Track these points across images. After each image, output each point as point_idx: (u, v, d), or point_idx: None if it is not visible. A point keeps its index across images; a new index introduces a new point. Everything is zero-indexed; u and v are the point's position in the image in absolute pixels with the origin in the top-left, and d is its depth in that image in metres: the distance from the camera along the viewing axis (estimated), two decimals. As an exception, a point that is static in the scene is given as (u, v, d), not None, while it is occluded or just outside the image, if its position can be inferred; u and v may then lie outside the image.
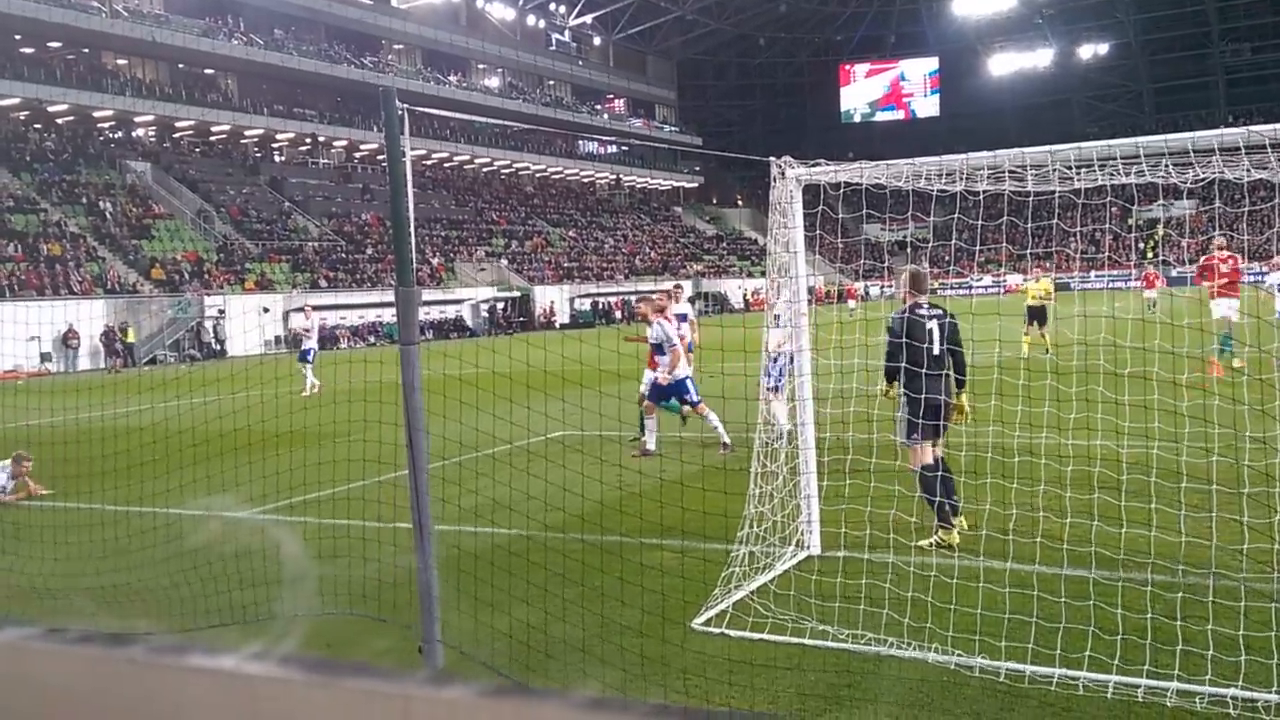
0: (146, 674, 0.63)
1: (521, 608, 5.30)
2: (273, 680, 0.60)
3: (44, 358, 33.92)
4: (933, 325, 6.75)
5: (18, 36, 44.71)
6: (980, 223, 7.40)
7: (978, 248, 7.23)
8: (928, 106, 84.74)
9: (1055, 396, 6.44)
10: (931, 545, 6.36)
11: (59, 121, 47.33)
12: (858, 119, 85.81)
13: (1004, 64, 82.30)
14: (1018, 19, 78.30)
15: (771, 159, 6.53)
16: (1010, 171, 6.05)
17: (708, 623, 5.33)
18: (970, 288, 36.41)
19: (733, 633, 5.15)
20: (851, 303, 35.52)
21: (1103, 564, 5.32)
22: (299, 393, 18.10)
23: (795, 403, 6.59)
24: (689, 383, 10.90)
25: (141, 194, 45.26)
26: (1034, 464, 6.15)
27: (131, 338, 35.98)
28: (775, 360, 11.19)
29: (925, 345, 6.53)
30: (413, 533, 4.99)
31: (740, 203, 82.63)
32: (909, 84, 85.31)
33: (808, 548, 6.50)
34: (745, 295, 59.90)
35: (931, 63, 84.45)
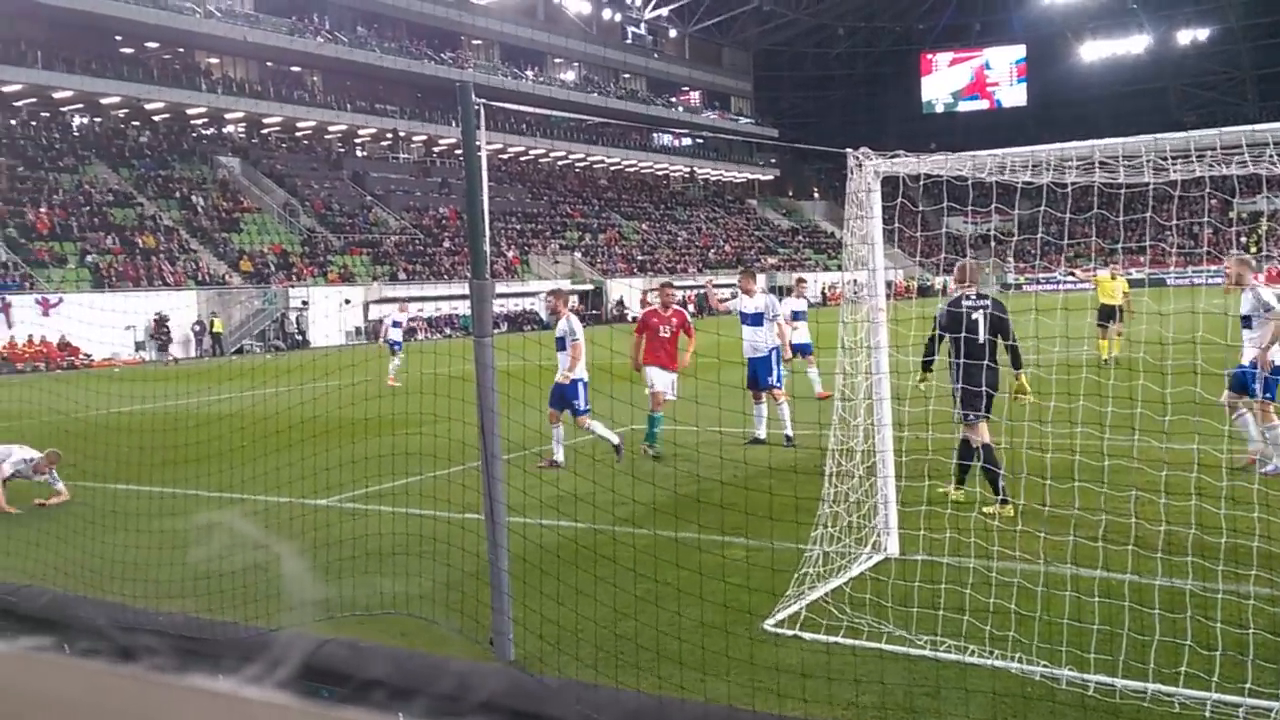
0: (147, 691, 0.61)
1: (589, 603, 5.27)
2: (269, 705, 0.57)
3: (139, 346, 35.48)
4: (978, 316, 7.19)
5: (118, 38, 46.77)
6: (1068, 216, 7.10)
7: (1065, 242, 6.98)
8: (1014, 96, 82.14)
9: (1150, 398, 6.13)
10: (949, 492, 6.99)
11: (155, 119, 49.41)
12: (939, 109, 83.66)
13: (1095, 51, 79.15)
14: (1110, 4, 75.22)
15: (848, 150, 6.37)
16: (1101, 162, 5.77)
17: (780, 624, 5.22)
18: (1059, 283, 35.31)
19: (806, 635, 5.04)
20: None
21: (1200, 574, 5.04)
22: (387, 380, 18.44)
23: (871, 400, 6.41)
24: (581, 387, 9.93)
25: (231, 188, 46.94)
26: (1127, 468, 5.86)
27: (220, 328, 37.37)
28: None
29: (965, 334, 6.96)
30: (484, 524, 5.01)
31: (816, 195, 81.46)
32: (994, 73, 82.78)
33: (884, 550, 6.33)
34: (823, 289, 59.13)
35: (1018, 50, 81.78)
